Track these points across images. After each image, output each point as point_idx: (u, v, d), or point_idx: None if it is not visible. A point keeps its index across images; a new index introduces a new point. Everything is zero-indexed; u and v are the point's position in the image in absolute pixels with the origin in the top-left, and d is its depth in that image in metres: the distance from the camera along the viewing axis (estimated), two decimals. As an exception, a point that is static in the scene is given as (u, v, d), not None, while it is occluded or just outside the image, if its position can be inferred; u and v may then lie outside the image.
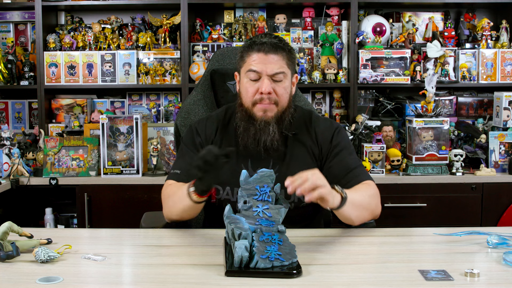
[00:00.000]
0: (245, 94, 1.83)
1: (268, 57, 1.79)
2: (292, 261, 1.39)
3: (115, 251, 1.60)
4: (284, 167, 1.87)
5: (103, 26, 3.66)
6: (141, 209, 2.63)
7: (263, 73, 1.79)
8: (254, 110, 1.83)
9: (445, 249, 1.59)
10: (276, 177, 1.85)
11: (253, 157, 1.87)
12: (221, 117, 1.97)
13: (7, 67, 3.60)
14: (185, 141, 1.97)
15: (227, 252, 1.48)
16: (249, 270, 1.36)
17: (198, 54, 3.57)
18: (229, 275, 1.34)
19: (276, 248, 1.40)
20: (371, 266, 1.45)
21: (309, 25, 3.68)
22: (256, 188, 1.53)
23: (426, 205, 3.20)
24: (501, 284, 1.32)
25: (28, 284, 1.31)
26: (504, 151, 3.32)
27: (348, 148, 1.91)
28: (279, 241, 1.42)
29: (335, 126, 1.94)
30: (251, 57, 1.81)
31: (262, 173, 1.55)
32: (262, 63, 1.79)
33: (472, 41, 3.66)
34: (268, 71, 1.79)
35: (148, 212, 2.26)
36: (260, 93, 1.79)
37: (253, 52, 1.81)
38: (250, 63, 1.80)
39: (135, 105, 3.76)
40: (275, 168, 1.86)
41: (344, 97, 3.70)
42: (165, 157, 3.39)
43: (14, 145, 3.28)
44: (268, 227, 1.44)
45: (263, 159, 1.87)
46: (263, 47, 1.79)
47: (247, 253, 1.36)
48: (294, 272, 1.35)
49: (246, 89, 1.83)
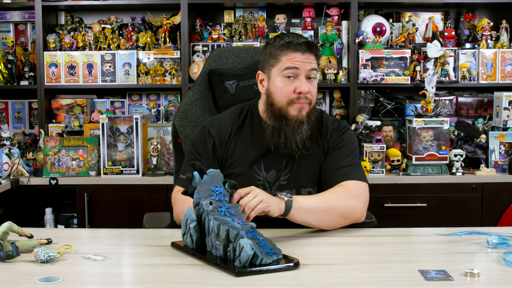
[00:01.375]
0: (279, 94, 1.82)
1: (305, 56, 1.80)
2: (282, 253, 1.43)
3: (115, 251, 1.60)
4: (295, 167, 1.87)
5: (103, 26, 3.66)
6: (141, 209, 2.64)
7: (302, 71, 1.79)
8: (289, 109, 1.81)
9: (445, 249, 1.59)
10: (288, 178, 1.87)
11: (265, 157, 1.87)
12: (236, 117, 1.95)
13: (7, 67, 3.60)
14: (195, 143, 1.94)
15: (188, 233, 1.52)
16: (257, 268, 1.36)
17: (198, 54, 3.57)
18: (240, 275, 1.34)
19: (266, 244, 1.42)
20: (371, 266, 1.45)
21: (309, 25, 3.68)
22: (210, 188, 1.53)
23: (426, 205, 3.20)
24: (501, 284, 1.32)
25: (28, 284, 1.30)
26: (504, 151, 3.32)
27: (349, 147, 1.90)
28: (259, 236, 1.44)
29: (342, 126, 1.95)
30: (288, 55, 1.80)
31: (211, 173, 1.55)
32: (299, 61, 1.79)
33: (472, 41, 3.66)
34: (306, 68, 1.80)
35: (149, 213, 2.26)
36: (298, 93, 1.79)
37: (289, 51, 1.80)
38: (287, 61, 1.80)
39: (135, 105, 3.76)
40: (287, 168, 1.87)
41: (344, 97, 3.70)
42: (165, 157, 3.39)
43: (14, 145, 3.28)
44: (246, 225, 1.45)
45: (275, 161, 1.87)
46: (301, 46, 1.80)
47: (252, 251, 1.37)
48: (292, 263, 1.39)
49: (280, 88, 1.81)
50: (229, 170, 1.89)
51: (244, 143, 1.90)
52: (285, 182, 1.87)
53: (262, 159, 1.87)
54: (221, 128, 1.92)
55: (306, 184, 1.88)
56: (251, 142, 1.90)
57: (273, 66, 1.84)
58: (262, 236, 1.46)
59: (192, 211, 1.53)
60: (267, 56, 1.86)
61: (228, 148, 1.90)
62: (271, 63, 1.84)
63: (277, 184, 1.87)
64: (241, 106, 1.99)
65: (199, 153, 1.90)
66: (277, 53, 1.82)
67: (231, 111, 1.98)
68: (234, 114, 1.96)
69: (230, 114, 1.97)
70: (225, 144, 1.90)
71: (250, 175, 1.86)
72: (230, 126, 1.92)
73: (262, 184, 1.86)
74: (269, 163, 1.87)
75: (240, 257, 1.37)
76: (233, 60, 2.26)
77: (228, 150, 1.90)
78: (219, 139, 1.90)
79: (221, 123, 1.93)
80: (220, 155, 1.90)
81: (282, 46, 1.81)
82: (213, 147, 1.90)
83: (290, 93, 1.80)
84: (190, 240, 1.53)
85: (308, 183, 1.88)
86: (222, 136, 1.91)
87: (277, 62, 1.82)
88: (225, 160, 1.90)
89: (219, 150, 1.90)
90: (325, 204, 1.74)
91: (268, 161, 1.87)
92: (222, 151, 1.90)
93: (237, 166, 1.88)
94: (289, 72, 1.80)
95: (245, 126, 1.93)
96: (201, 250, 1.51)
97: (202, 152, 1.90)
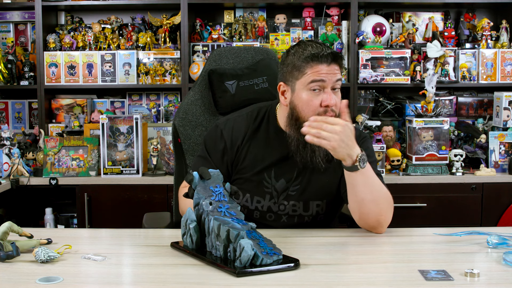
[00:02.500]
0: (306, 108, 1.74)
1: (330, 67, 1.73)
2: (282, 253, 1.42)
3: (115, 251, 1.60)
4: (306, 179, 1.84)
5: (103, 26, 3.66)
6: (141, 209, 2.64)
7: (328, 83, 1.73)
8: None
9: (445, 249, 1.59)
10: (297, 189, 1.83)
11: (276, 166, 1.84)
12: (252, 119, 1.89)
13: (7, 67, 3.60)
14: (208, 141, 1.91)
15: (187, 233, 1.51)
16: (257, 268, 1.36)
17: (198, 54, 3.57)
18: (240, 276, 1.34)
19: (266, 244, 1.42)
20: (371, 266, 1.45)
21: (309, 25, 3.68)
22: (210, 189, 1.52)
23: (426, 205, 3.20)
24: (501, 284, 1.32)
25: (28, 284, 1.30)
26: (504, 151, 3.32)
27: (370, 158, 1.83)
28: (259, 236, 1.44)
29: (362, 136, 1.89)
30: (313, 68, 1.73)
31: (211, 173, 1.54)
32: (327, 73, 1.73)
33: (472, 41, 3.66)
34: (332, 80, 1.74)
35: (149, 213, 2.26)
36: (325, 106, 1.73)
37: (315, 63, 1.73)
38: (313, 74, 1.73)
39: (135, 105, 3.76)
40: (298, 179, 1.84)
41: (344, 97, 3.69)
42: (165, 157, 3.39)
43: (14, 145, 3.28)
44: (246, 225, 1.45)
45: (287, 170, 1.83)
46: (328, 58, 1.73)
47: (253, 251, 1.37)
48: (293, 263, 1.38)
49: (307, 102, 1.74)
50: (238, 175, 1.86)
51: (257, 148, 1.86)
52: (294, 192, 1.83)
53: (273, 167, 1.84)
54: (234, 130, 1.87)
55: (314, 197, 1.84)
56: (264, 148, 1.85)
57: (297, 78, 1.76)
58: (262, 236, 1.45)
59: (192, 211, 1.53)
60: (290, 67, 1.78)
61: (240, 153, 1.86)
62: (295, 75, 1.76)
63: (285, 194, 1.83)
64: (258, 108, 1.93)
65: (209, 152, 1.88)
66: (301, 65, 1.74)
67: (247, 112, 1.92)
68: (250, 116, 1.90)
69: (246, 115, 1.91)
70: (237, 148, 1.86)
71: (259, 181, 1.83)
72: (244, 129, 1.87)
73: (270, 192, 1.83)
74: (280, 171, 1.83)
75: (240, 258, 1.36)
76: (233, 60, 2.26)
77: (239, 155, 1.86)
78: (231, 142, 1.86)
79: (235, 125, 1.88)
80: (231, 159, 1.86)
81: (307, 58, 1.74)
82: (223, 150, 1.86)
83: (317, 107, 1.74)
84: (190, 241, 1.53)
85: (317, 196, 1.84)
86: (235, 140, 1.86)
87: (301, 74, 1.74)
88: (236, 164, 1.86)
89: (230, 153, 1.86)
90: (382, 191, 1.72)
91: (280, 170, 1.83)
92: (233, 155, 1.86)
93: (247, 172, 1.84)
94: (315, 85, 1.73)
95: (260, 131, 1.88)
96: (201, 251, 1.51)
97: (212, 152, 1.87)
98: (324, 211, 1.86)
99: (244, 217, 1.50)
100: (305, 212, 1.84)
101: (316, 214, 1.85)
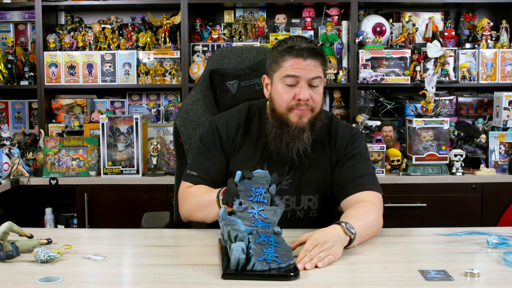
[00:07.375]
0: (280, 100, 1.77)
1: (306, 62, 1.73)
2: (289, 263, 1.38)
3: (115, 251, 1.60)
4: (298, 173, 1.85)
5: (103, 26, 3.66)
6: (141, 209, 2.64)
7: (302, 78, 1.73)
8: (289, 116, 1.77)
9: (445, 249, 1.59)
10: (290, 183, 1.84)
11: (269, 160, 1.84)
12: (244, 115, 1.92)
13: (7, 67, 3.60)
14: (204, 139, 1.92)
15: (222, 254, 1.47)
16: (246, 272, 1.35)
17: (198, 54, 3.57)
18: (226, 278, 1.34)
19: (273, 250, 1.39)
20: (371, 266, 1.45)
21: (309, 25, 3.68)
22: (251, 189, 1.51)
23: (426, 205, 3.20)
24: (501, 284, 1.32)
25: (28, 284, 1.30)
26: (504, 151, 3.32)
27: (362, 155, 1.85)
28: (276, 243, 1.41)
29: (354, 133, 1.89)
30: (288, 61, 1.74)
31: (257, 174, 1.53)
32: (301, 68, 1.73)
33: (472, 41, 3.66)
34: (307, 76, 1.73)
35: (148, 213, 2.25)
36: (297, 100, 1.74)
37: (290, 57, 1.74)
38: (288, 68, 1.74)
39: (135, 105, 3.76)
40: (290, 173, 1.84)
41: (344, 97, 3.70)
42: (165, 157, 3.39)
43: (14, 145, 3.28)
44: (265, 229, 1.43)
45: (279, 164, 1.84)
46: (302, 52, 1.73)
47: (244, 255, 1.35)
48: (292, 274, 1.34)
49: (281, 94, 1.76)
50: (232, 168, 1.87)
51: (249, 143, 1.88)
52: (287, 187, 1.85)
53: (266, 162, 1.85)
54: (228, 124, 1.90)
55: (307, 191, 1.85)
56: (256, 143, 1.87)
57: (275, 71, 1.79)
58: (281, 242, 1.42)
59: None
60: (270, 60, 1.81)
61: (234, 145, 1.88)
62: (273, 68, 1.80)
63: (277, 188, 1.83)
64: (249, 104, 1.96)
65: (208, 148, 1.88)
66: (279, 58, 1.77)
67: (239, 108, 1.95)
68: (242, 112, 1.93)
69: (238, 111, 1.94)
70: (232, 140, 1.88)
71: None
72: (237, 123, 1.90)
73: None
74: (272, 166, 1.84)
75: (231, 260, 1.36)
76: (235, 60, 2.26)
77: (234, 146, 1.88)
78: (226, 135, 1.88)
79: (229, 120, 1.90)
80: (228, 151, 1.88)
81: (284, 51, 1.75)
82: (221, 142, 1.88)
83: (290, 100, 1.75)
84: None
85: (309, 191, 1.85)
86: (229, 132, 1.89)
87: (278, 68, 1.77)
88: (230, 156, 1.88)
89: (227, 145, 1.88)
90: (372, 226, 1.67)
91: (272, 164, 1.85)
92: (229, 146, 1.88)
93: (241, 165, 1.85)
94: (288, 79, 1.74)
95: (252, 125, 1.90)
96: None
97: (211, 147, 1.88)
98: (317, 207, 1.87)
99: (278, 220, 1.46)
100: (297, 207, 1.85)
101: (308, 209, 1.86)
